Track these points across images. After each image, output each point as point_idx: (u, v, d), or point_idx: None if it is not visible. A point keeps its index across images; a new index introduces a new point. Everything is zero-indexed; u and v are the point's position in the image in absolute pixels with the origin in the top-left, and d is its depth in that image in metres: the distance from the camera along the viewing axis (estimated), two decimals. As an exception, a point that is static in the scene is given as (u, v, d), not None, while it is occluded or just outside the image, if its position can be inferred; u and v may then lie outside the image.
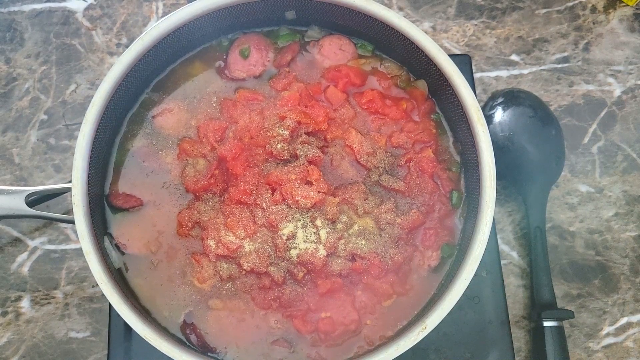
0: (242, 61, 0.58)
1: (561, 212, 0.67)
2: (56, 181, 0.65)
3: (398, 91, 0.59)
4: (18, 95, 0.67)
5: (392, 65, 0.60)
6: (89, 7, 0.70)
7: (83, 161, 0.51)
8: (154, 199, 0.56)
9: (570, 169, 0.68)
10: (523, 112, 0.63)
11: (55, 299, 0.62)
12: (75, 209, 0.51)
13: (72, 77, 0.68)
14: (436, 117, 0.59)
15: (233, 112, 0.56)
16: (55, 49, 0.68)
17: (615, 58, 0.71)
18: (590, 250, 0.66)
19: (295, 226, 0.53)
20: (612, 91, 0.70)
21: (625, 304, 0.65)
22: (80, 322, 0.62)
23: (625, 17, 0.72)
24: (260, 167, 0.55)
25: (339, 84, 0.58)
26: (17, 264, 0.63)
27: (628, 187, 0.68)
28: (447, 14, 0.71)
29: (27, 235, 0.64)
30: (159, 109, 0.58)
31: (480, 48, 0.70)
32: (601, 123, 0.69)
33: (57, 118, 0.66)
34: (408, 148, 0.57)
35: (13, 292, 0.62)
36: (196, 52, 0.59)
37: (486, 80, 0.70)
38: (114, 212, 0.55)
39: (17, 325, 0.62)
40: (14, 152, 0.65)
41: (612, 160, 0.68)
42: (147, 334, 0.49)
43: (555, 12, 0.72)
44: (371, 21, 0.56)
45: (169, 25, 0.54)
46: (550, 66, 0.70)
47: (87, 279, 0.63)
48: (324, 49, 0.59)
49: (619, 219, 0.67)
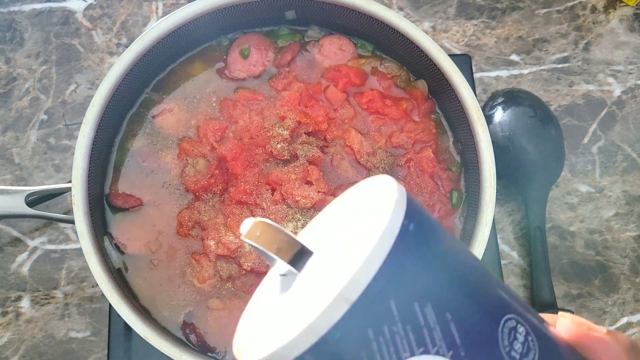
0: (242, 61, 0.58)
1: (561, 212, 0.67)
2: (56, 181, 0.65)
3: (398, 91, 0.59)
4: (18, 95, 0.67)
5: (392, 65, 0.60)
6: (89, 7, 0.70)
7: (83, 161, 0.51)
8: (154, 198, 0.56)
9: (570, 169, 0.68)
10: (523, 112, 0.63)
11: (55, 299, 0.62)
12: (75, 208, 0.51)
13: (72, 77, 0.67)
14: (436, 117, 0.59)
15: (233, 112, 0.56)
16: (55, 48, 0.68)
17: (615, 58, 0.71)
18: (590, 250, 0.66)
19: (295, 226, 0.53)
20: (612, 91, 0.70)
21: (625, 304, 0.65)
22: (80, 322, 0.62)
23: (625, 17, 0.72)
24: (260, 167, 0.55)
25: (339, 84, 0.58)
26: (17, 264, 0.63)
27: (628, 187, 0.68)
28: (447, 14, 0.71)
29: (27, 235, 0.64)
30: (159, 109, 0.58)
31: (480, 48, 0.70)
32: (601, 123, 0.69)
33: (57, 118, 0.66)
34: (408, 148, 0.57)
35: (13, 292, 0.62)
36: (196, 52, 0.59)
37: (486, 80, 0.70)
38: (113, 212, 0.55)
39: (17, 325, 0.62)
40: (14, 152, 0.65)
41: (612, 160, 0.68)
42: (147, 333, 0.49)
43: (555, 12, 0.72)
44: (371, 21, 0.56)
45: (169, 25, 0.54)
46: (550, 66, 0.70)
47: (87, 278, 0.62)
48: (324, 49, 0.59)
49: (619, 219, 0.67)
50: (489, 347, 0.22)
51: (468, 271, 0.23)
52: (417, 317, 0.20)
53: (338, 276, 0.20)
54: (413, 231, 0.21)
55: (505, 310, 0.23)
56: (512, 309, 0.23)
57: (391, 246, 0.21)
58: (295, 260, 0.23)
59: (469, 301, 0.22)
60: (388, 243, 0.21)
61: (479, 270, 0.23)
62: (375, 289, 0.20)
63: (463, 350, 0.21)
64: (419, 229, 0.22)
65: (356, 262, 0.20)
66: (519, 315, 0.23)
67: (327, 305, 0.20)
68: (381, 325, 0.20)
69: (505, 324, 0.22)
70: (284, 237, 0.23)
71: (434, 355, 0.20)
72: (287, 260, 0.23)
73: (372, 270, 0.20)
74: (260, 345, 0.21)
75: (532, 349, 0.23)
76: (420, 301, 0.21)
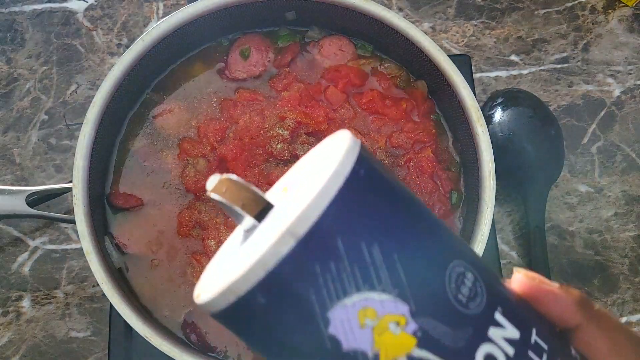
0: (242, 61, 0.59)
1: (560, 212, 0.67)
2: (57, 181, 0.65)
3: (398, 91, 0.59)
4: (19, 96, 0.67)
5: (391, 66, 0.60)
6: (89, 8, 0.70)
7: (84, 161, 0.52)
8: (154, 198, 0.56)
9: (569, 169, 0.68)
10: (522, 112, 0.63)
11: (56, 299, 0.62)
12: (76, 208, 0.51)
13: (73, 77, 0.68)
14: (436, 117, 0.59)
15: (233, 113, 0.57)
16: (56, 49, 0.68)
17: (615, 58, 0.71)
18: (589, 250, 0.66)
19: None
20: (612, 91, 0.70)
21: (624, 304, 0.65)
22: (81, 321, 0.62)
23: (624, 17, 0.72)
24: (260, 167, 0.55)
25: (338, 84, 0.58)
26: (18, 264, 0.63)
27: (627, 187, 0.68)
28: (447, 15, 0.71)
29: (27, 235, 0.64)
30: (159, 109, 0.58)
31: (479, 48, 0.70)
32: (600, 123, 0.69)
33: (58, 118, 0.66)
34: (408, 148, 0.57)
35: (14, 291, 0.62)
36: (196, 52, 0.59)
37: (485, 80, 0.70)
38: (114, 212, 0.56)
39: (18, 324, 0.62)
40: (15, 152, 0.65)
41: (611, 160, 0.68)
42: (148, 333, 0.49)
43: (555, 12, 0.72)
44: (371, 21, 0.56)
45: (170, 25, 0.54)
46: (550, 66, 0.70)
47: (87, 278, 0.63)
48: (323, 50, 0.59)
49: (619, 219, 0.67)
50: (435, 288, 0.22)
51: (417, 218, 0.24)
52: (363, 256, 0.21)
53: (288, 215, 0.21)
54: (364, 176, 0.22)
55: (453, 256, 0.24)
56: (461, 256, 0.24)
57: (340, 186, 0.21)
58: (260, 215, 0.24)
59: (416, 244, 0.23)
60: (337, 183, 0.22)
61: (429, 218, 0.24)
62: (322, 226, 0.21)
63: (409, 289, 0.22)
64: (369, 174, 0.23)
65: (305, 199, 0.21)
66: (468, 263, 0.24)
67: (275, 240, 0.21)
68: (328, 261, 0.21)
69: (452, 269, 0.23)
70: (249, 193, 0.24)
71: (379, 293, 0.21)
72: (252, 215, 0.24)
73: (320, 208, 0.21)
74: (214, 285, 0.22)
75: (479, 294, 0.23)
76: (367, 241, 0.21)
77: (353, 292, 0.21)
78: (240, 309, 0.22)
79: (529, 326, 0.25)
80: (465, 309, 0.23)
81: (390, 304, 0.21)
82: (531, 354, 0.24)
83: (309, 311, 0.21)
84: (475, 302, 0.23)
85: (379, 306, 0.21)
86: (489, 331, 0.23)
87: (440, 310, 0.22)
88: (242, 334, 0.24)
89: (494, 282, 0.25)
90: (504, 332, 0.23)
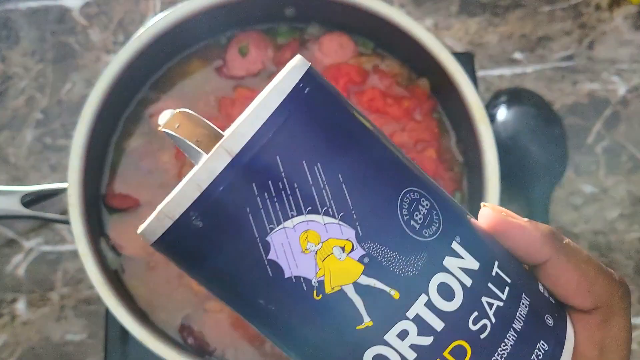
0: (240, 59, 0.58)
1: (565, 212, 0.66)
2: (52, 181, 0.64)
3: (399, 90, 0.59)
4: (14, 94, 0.66)
5: (393, 64, 0.59)
6: (85, 5, 0.69)
7: (79, 161, 0.51)
8: (151, 199, 0.55)
9: (574, 169, 0.67)
10: (526, 111, 0.63)
11: (51, 301, 0.62)
12: (71, 209, 0.50)
13: (68, 75, 0.67)
14: (438, 116, 0.59)
15: (231, 111, 0.56)
16: (51, 47, 0.68)
17: (620, 56, 0.70)
18: (594, 251, 0.66)
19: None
20: (617, 90, 0.69)
21: (630, 306, 0.64)
22: (76, 324, 0.61)
23: (629, 14, 0.71)
24: (259, 167, 0.54)
25: (339, 82, 0.57)
26: (13, 266, 0.62)
27: (633, 187, 0.67)
28: (450, 12, 0.71)
29: (22, 237, 0.63)
30: (156, 108, 0.57)
31: (483, 46, 0.70)
32: (605, 122, 0.68)
33: (53, 117, 0.66)
34: (410, 147, 0.57)
35: (9, 294, 0.62)
36: (194, 50, 0.59)
37: (489, 78, 0.69)
38: (110, 212, 0.55)
39: (13, 327, 0.61)
40: (10, 152, 0.65)
41: (616, 160, 0.68)
42: (144, 336, 0.48)
43: (559, 9, 0.71)
44: (372, 18, 0.55)
45: (167, 23, 0.54)
46: (554, 64, 0.70)
47: (83, 280, 0.62)
48: (323, 47, 0.59)
49: (624, 220, 0.66)
50: (383, 212, 0.21)
51: (369, 142, 0.23)
52: (304, 175, 0.20)
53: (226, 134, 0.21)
54: (308, 94, 0.22)
55: (408, 184, 0.23)
56: (417, 183, 0.23)
57: (280, 102, 0.21)
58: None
59: (365, 167, 0.22)
60: (276, 99, 0.21)
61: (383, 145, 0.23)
62: (258, 142, 0.20)
63: (355, 212, 0.21)
64: (314, 93, 0.22)
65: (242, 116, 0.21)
66: (425, 191, 0.23)
67: (208, 157, 0.20)
68: (266, 180, 0.20)
69: (406, 195, 0.22)
70: (204, 129, 0.23)
71: (322, 215, 0.20)
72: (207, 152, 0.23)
73: (256, 124, 0.20)
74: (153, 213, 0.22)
75: (435, 222, 0.22)
76: (308, 159, 0.21)
77: (294, 215, 0.20)
78: (178, 235, 0.22)
79: (490, 258, 0.23)
80: (419, 236, 0.22)
81: (334, 227, 0.20)
82: (491, 285, 0.23)
83: (248, 235, 0.20)
84: (430, 229, 0.22)
85: (322, 230, 0.20)
86: (444, 260, 0.22)
87: (390, 237, 0.21)
88: (184, 265, 0.23)
89: (454, 212, 0.24)
90: (461, 262, 0.22)
